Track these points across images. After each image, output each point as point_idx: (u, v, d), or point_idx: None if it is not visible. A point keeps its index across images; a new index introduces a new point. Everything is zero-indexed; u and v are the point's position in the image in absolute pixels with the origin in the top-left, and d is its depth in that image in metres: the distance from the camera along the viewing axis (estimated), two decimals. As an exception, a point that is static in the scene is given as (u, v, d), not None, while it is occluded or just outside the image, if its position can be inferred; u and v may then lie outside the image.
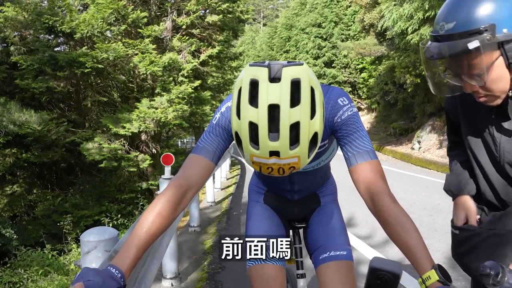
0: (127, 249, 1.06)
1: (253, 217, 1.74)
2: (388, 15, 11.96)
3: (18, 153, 11.65)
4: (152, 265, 1.91)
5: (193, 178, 1.24)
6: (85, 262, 1.59)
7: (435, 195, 7.23)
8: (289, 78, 1.02)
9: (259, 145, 1.03)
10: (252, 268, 1.58)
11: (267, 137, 1.01)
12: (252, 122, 1.02)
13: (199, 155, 1.27)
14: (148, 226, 1.10)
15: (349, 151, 1.24)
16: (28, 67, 10.31)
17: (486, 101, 1.14)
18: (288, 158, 1.04)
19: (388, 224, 1.11)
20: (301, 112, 1.02)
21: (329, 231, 1.67)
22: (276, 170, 1.08)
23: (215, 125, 1.32)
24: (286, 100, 1.01)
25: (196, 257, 4.39)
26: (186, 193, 1.22)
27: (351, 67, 28.42)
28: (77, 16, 10.94)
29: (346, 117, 1.27)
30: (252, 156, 1.06)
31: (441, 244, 4.33)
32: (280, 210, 1.79)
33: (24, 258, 6.30)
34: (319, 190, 1.79)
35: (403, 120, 19.81)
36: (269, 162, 1.05)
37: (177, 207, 1.18)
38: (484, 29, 1.00)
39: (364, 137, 1.25)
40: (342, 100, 1.30)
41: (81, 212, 10.71)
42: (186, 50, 12.28)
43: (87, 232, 1.62)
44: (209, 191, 7.49)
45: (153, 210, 1.13)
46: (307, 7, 31.57)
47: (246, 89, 1.04)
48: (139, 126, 10.69)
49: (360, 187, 1.21)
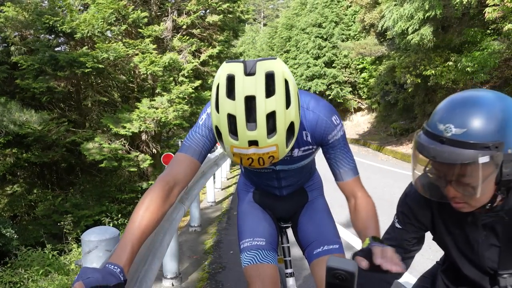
0: (122, 246, 1.08)
1: (244, 216, 1.78)
2: (389, 15, 11.95)
3: (18, 153, 11.65)
4: (153, 265, 1.92)
5: (179, 175, 1.28)
6: (86, 262, 1.59)
7: (436, 195, 7.23)
8: (263, 71, 1.07)
9: (238, 135, 1.07)
10: (248, 268, 1.62)
11: (245, 127, 1.06)
12: (230, 114, 1.07)
13: (185, 154, 1.32)
14: (139, 222, 1.13)
15: (336, 168, 1.44)
16: (29, 67, 10.32)
17: (461, 208, 1.12)
18: (266, 147, 1.08)
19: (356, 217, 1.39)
20: (276, 102, 1.06)
21: (320, 226, 1.72)
22: (256, 161, 1.11)
23: (201, 125, 1.35)
24: (262, 91, 1.06)
25: (196, 257, 4.39)
26: (173, 189, 1.26)
27: (351, 67, 28.41)
28: (78, 16, 10.95)
29: (338, 137, 1.41)
30: (232, 148, 1.10)
31: (442, 244, 4.35)
32: (269, 207, 1.82)
33: (24, 258, 6.29)
34: (306, 184, 1.83)
35: (403, 120, 19.82)
36: (248, 152, 1.09)
37: (165, 202, 1.22)
38: (494, 145, 0.98)
39: (350, 157, 1.44)
40: (335, 119, 1.40)
41: (81, 212, 10.71)
42: (187, 50, 12.29)
43: (88, 232, 1.62)
44: (209, 191, 7.48)
45: (142, 206, 1.17)
46: (307, 7, 31.56)
47: (224, 84, 1.09)
48: (140, 126, 10.69)
49: (346, 195, 1.47)
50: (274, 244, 1.71)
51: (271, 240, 1.70)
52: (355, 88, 28.81)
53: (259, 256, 1.62)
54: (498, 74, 11.59)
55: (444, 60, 12.00)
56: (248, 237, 1.69)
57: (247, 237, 1.69)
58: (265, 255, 1.63)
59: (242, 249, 1.68)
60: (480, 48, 10.54)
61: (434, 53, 12.35)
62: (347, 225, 4.99)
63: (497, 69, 11.35)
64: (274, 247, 1.71)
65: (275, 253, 1.69)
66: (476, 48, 10.82)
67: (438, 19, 10.58)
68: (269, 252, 1.65)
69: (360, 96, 28.84)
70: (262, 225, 1.73)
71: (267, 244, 1.67)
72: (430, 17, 10.28)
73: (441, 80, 12.03)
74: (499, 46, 10.14)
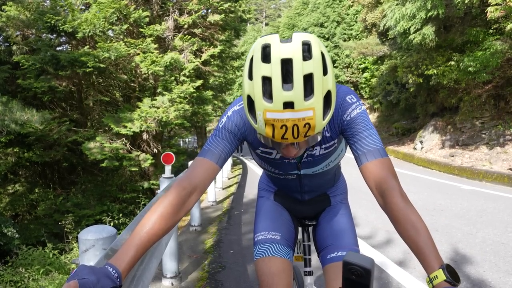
0: (126, 249, 1.04)
1: (262, 212, 1.72)
2: (391, 15, 11.91)
3: (20, 152, 11.67)
4: (150, 264, 1.90)
5: (196, 180, 1.22)
6: (83, 260, 1.58)
7: (437, 195, 7.20)
8: (300, 40, 1.05)
9: (273, 97, 1.01)
10: (260, 260, 1.55)
11: (281, 87, 1.00)
12: (265, 77, 1.02)
13: (204, 158, 1.26)
14: (150, 227, 1.09)
15: (358, 150, 1.23)
16: (30, 67, 10.33)
17: None
18: (302, 110, 1.01)
19: (398, 222, 1.09)
20: (314, 65, 1.02)
21: (338, 230, 1.64)
22: (290, 130, 1.03)
23: (221, 128, 1.32)
24: (299, 54, 1.02)
25: (196, 256, 4.38)
26: (190, 195, 1.20)
27: (353, 67, 28.38)
28: (79, 15, 10.95)
29: (355, 115, 1.26)
30: (265, 112, 1.03)
31: (442, 245, 4.31)
32: (289, 208, 1.77)
33: (25, 257, 6.29)
34: (329, 190, 1.77)
35: (405, 120, 19.77)
36: (283, 116, 1.01)
37: (180, 209, 1.16)
38: None
39: (374, 135, 1.23)
40: (350, 98, 1.29)
41: (82, 212, 10.72)
42: (188, 49, 12.28)
43: (85, 231, 1.61)
44: (210, 190, 7.48)
45: (155, 211, 1.12)
46: (309, 6, 31.53)
47: (258, 52, 1.05)
48: (141, 126, 10.69)
49: (371, 185, 1.19)
50: (290, 241, 1.65)
51: (287, 236, 1.64)
52: (357, 88, 28.76)
53: (272, 249, 1.56)
54: (501, 74, 11.53)
55: (446, 60, 11.96)
56: (263, 230, 1.63)
57: (262, 231, 1.63)
58: (278, 249, 1.56)
59: (256, 242, 1.62)
60: (482, 47, 10.49)
61: (436, 53, 12.31)
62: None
63: (499, 69, 11.30)
64: (290, 244, 1.64)
65: (290, 249, 1.62)
66: (478, 48, 10.77)
67: (440, 18, 10.54)
68: (284, 247, 1.58)
69: (362, 96, 28.76)
70: (279, 221, 1.67)
71: (282, 239, 1.60)
72: (432, 16, 10.23)
73: (443, 80, 11.98)
74: (501, 45, 10.09)
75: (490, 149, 11.20)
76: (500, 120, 11.62)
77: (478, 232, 4.77)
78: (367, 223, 5.40)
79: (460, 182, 9.15)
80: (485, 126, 11.99)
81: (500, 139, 11.19)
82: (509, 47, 10.19)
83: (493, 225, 5.04)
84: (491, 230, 4.83)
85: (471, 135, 12.35)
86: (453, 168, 10.89)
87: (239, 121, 1.32)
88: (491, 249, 4.10)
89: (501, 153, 10.59)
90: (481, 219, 5.42)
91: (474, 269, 3.58)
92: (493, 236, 4.56)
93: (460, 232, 4.81)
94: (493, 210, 5.94)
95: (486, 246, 4.21)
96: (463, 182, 9.18)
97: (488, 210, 5.95)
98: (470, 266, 3.66)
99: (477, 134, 12.09)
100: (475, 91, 12.57)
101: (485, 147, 11.52)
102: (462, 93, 13.19)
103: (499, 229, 4.84)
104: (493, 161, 10.38)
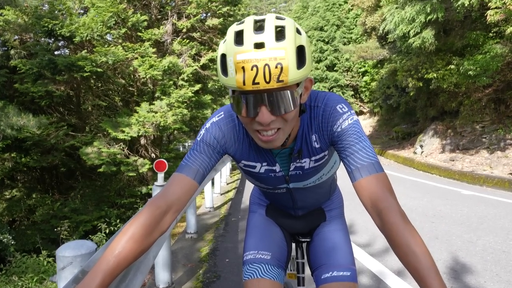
0: (93, 275, 0.96)
1: (253, 229, 1.63)
2: (390, 18, 11.86)
3: (17, 157, 11.59)
4: (135, 280, 1.82)
5: (172, 197, 1.13)
6: (60, 278, 1.50)
7: (437, 201, 7.11)
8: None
9: (244, 41, 0.98)
10: (248, 282, 1.46)
11: (252, 32, 0.99)
12: (238, 31, 1.02)
13: (180, 174, 1.18)
14: (119, 251, 1.00)
15: (352, 164, 1.13)
16: (28, 71, 10.27)
17: None
18: (274, 49, 0.96)
19: (398, 246, 1.00)
20: (286, 22, 1.02)
21: (333, 248, 1.54)
22: (262, 72, 0.95)
23: (199, 142, 1.24)
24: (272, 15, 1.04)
25: (191, 265, 4.29)
26: (165, 214, 1.11)
27: (353, 71, 28.35)
28: (77, 19, 10.90)
29: (346, 126, 1.17)
30: (235, 55, 0.98)
31: (442, 253, 4.22)
32: (282, 224, 1.68)
33: (19, 264, 6.22)
34: (324, 204, 1.68)
35: (405, 123, 19.71)
36: (253, 56, 0.96)
37: (154, 230, 1.08)
38: None
39: (368, 148, 1.14)
40: (341, 107, 1.20)
41: (80, 217, 10.62)
42: (187, 53, 12.22)
43: (63, 247, 1.53)
44: (207, 196, 7.38)
45: (126, 233, 1.03)
46: (309, 10, 31.55)
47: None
48: (138, 130, 10.61)
49: (366, 204, 1.10)
50: (282, 261, 1.55)
51: (278, 256, 1.54)
52: (357, 91, 28.73)
53: (261, 271, 1.46)
54: (501, 77, 11.47)
55: (446, 64, 11.90)
56: (252, 249, 1.53)
57: (251, 249, 1.53)
58: (268, 270, 1.47)
59: (245, 262, 1.52)
60: (482, 51, 10.43)
61: (436, 57, 12.25)
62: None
63: (500, 73, 11.24)
64: (282, 264, 1.55)
65: (281, 270, 1.53)
66: (478, 51, 10.71)
67: (440, 22, 10.48)
68: (274, 268, 1.49)
69: (362, 100, 28.74)
70: (270, 239, 1.58)
71: (273, 259, 1.51)
72: (431, 20, 10.18)
73: (443, 84, 11.92)
74: (501, 49, 10.03)
75: (490, 154, 11.11)
76: (501, 124, 11.54)
77: (479, 239, 4.68)
78: (365, 230, 5.31)
79: (461, 187, 9.06)
80: (486, 130, 11.91)
81: (501, 143, 11.10)
82: (509, 50, 10.12)
83: (494, 233, 4.95)
84: (492, 237, 4.74)
85: (471, 139, 12.26)
86: (454, 173, 10.80)
87: (218, 133, 1.25)
88: (492, 258, 4.01)
89: (502, 158, 10.50)
90: (482, 226, 5.33)
91: (475, 279, 3.49)
92: (494, 244, 4.47)
93: (460, 239, 4.72)
94: (493, 216, 5.85)
95: (487, 255, 4.11)
96: (464, 187, 9.09)
97: (488, 216, 5.85)
98: (470, 276, 3.57)
99: (478, 138, 12.01)
100: (475, 95, 12.50)
101: (486, 151, 11.44)
102: (462, 97, 13.12)
103: (500, 237, 4.75)
104: (493, 165, 10.29)
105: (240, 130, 1.27)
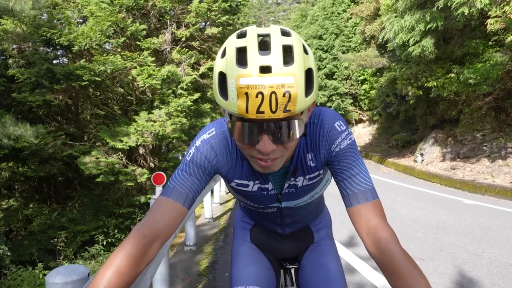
0: None
1: (238, 260, 1.53)
2: (389, 27, 11.85)
3: (14, 167, 11.48)
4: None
5: (159, 225, 1.05)
6: (51, 306, 1.41)
7: (439, 211, 7.01)
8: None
9: (248, 63, 0.87)
10: None
11: (257, 53, 0.88)
12: (240, 47, 0.90)
13: (168, 198, 1.09)
14: (104, 286, 0.91)
15: (348, 189, 1.10)
16: (26, 80, 10.20)
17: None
18: (282, 75, 0.86)
19: (400, 277, 0.95)
20: (293, 40, 0.92)
21: (325, 274, 1.45)
22: (268, 100, 0.85)
23: (189, 162, 1.14)
24: (277, 30, 0.94)
25: (190, 280, 4.18)
26: (152, 244, 1.02)
27: (352, 79, 28.38)
28: (76, 28, 10.86)
29: (345, 146, 1.12)
30: (238, 79, 0.86)
31: (448, 266, 4.12)
32: (269, 248, 1.59)
33: (15, 277, 6.09)
34: (312, 223, 1.60)
35: (405, 132, 19.66)
36: (259, 82, 0.85)
37: (140, 262, 0.99)
38: None
39: (364, 172, 1.11)
40: (340, 125, 1.15)
41: (77, 227, 10.48)
42: (186, 62, 12.18)
43: (54, 272, 1.44)
44: (207, 206, 7.27)
45: (110, 266, 0.94)
46: (308, 19, 31.67)
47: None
48: (137, 140, 10.53)
49: (362, 231, 1.06)
50: None
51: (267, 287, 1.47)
52: (356, 99, 28.73)
53: None
54: (501, 86, 11.43)
55: (446, 72, 11.87)
56: (240, 284, 1.44)
57: (239, 284, 1.44)
58: None
59: None
60: (482, 59, 10.40)
61: (436, 65, 12.22)
62: (348, 244, 4.77)
63: (500, 81, 11.20)
64: None
65: None
66: (478, 60, 10.68)
67: (440, 30, 10.46)
68: None
69: (361, 108, 28.73)
70: (257, 271, 1.49)
71: None
72: (431, 28, 10.16)
73: (443, 92, 11.88)
74: (501, 57, 10.00)
75: (491, 162, 11.04)
76: (501, 132, 11.48)
77: (484, 252, 4.59)
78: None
79: (463, 196, 8.97)
80: (486, 139, 11.84)
81: (502, 151, 11.04)
82: (509, 59, 10.09)
83: (499, 244, 4.85)
84: (498, 250, 4.64)
85: (472, 147, 12.19)
86: (455, 182, 10.71)
87: (209, 153, 1.15)
88: (499, 272, 3.91)
89: (503, 166, 10.42)
90: (487, 237, 5.23)
91: (482, 295, 3.39)
92: (500, 257, 4.37)
93: (466, 252, 4.62)
94: (498, 227, 5.76)
95: (494, 268, 4.01)
96: (466, 196, 8.99)
97: (493, 227, 5.76)
98: (478, 291, 3.47)
99: (478, 147, 11.94)
100: (475, 103, 12.46)
101: (487, 159, 11.36)
102: (462, 105, 13.08)
103: (506, 249, 4.66)
104: (495, 174, 10.21)
105: (233, 149, 1.19)
